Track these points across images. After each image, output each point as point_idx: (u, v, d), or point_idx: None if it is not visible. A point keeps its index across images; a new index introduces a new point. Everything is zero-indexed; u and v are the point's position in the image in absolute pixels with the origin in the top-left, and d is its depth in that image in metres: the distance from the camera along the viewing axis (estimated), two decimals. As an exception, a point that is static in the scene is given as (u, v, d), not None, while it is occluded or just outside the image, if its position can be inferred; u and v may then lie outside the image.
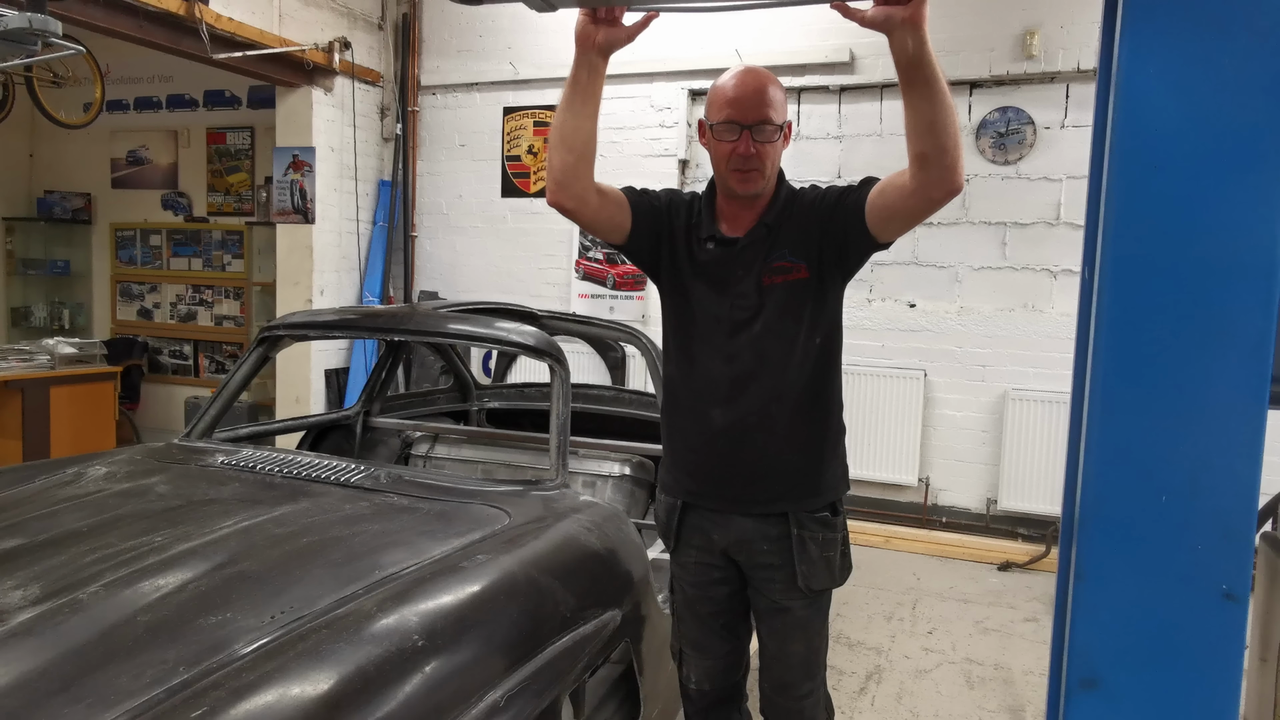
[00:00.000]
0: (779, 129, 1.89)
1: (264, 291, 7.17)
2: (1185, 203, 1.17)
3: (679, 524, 2.05)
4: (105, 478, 2.28)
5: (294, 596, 1.61)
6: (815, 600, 1.98)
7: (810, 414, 1.96)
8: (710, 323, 1.96)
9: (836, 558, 1.97)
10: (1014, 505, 5.33)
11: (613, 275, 6.26)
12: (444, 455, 3.60)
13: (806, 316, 1.91)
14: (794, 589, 1.95)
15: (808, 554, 1.93)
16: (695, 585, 2.07)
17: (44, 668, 1.36)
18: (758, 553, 1.97)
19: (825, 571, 1.95)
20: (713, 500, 2.00)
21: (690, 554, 2.06)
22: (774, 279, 1.91)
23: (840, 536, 1.98)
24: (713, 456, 1.98)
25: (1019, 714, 3.25)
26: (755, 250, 1.93)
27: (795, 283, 1.90)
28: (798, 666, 2.01)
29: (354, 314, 3.19)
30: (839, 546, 1.98)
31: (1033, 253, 5.33)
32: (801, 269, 1.90)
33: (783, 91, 1.92)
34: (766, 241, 1.93)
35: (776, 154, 1.92)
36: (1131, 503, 1.21)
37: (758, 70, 1.92)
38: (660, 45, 5.98)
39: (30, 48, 2.73)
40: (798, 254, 1.90)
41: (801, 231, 1.91)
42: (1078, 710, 1.24)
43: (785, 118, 1.92)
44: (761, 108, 1.86)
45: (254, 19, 5.46)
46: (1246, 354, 1.16)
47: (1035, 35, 5.18)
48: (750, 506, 1.96)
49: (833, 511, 1.97)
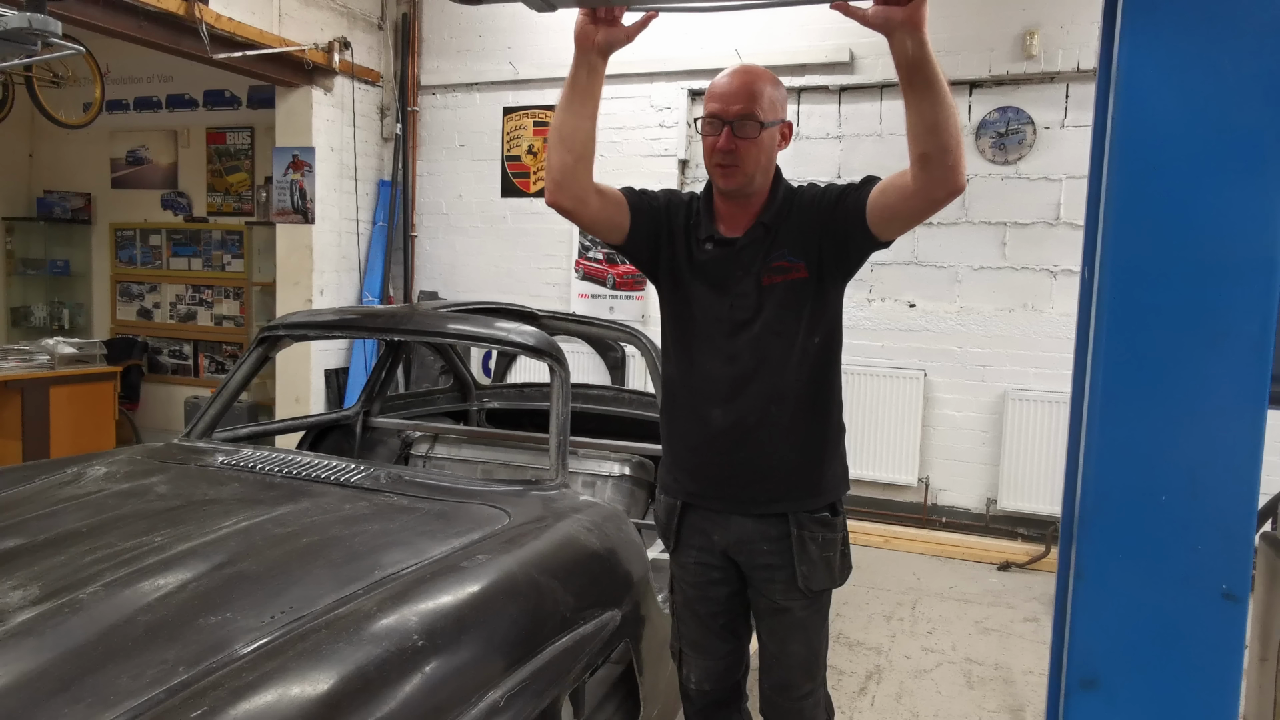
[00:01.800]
0: (762, 125, 1.86)
1: (264, 291, 7.17)
2: (1185, 203, 1.17)
3: (679, 524, 2.05)
4: (105, 478, 2.28)
5: (294, 596, 1.61)
6: (815, 601, 1.98)
7: (810, 414, 1.95)
8: (710, 323, 1.95)
9: (836, 558, 1.97)
10: (1014, 505, 5.33)
11: (613, 275, 6.26)
12: (444, 455, 3.60)
13: (806, 316, 1.91)
14: (794, 589, 1.95)
15: (808, 554, 1.93)
16: (695, 585, 2.07)
17: (44, 668, 1.36)
18: (758, 553, 1.96)
19: (825, 572, 1.95)
20: (713, 501, 2.00)
21: (690, 554, 2.05)
22: (774, 279, 1.90)
23: (840, 537, 1.98)
24: (712, 457, 1.98)
25: (1019, 714, 3.25)
26: (754, 250, 1.93)
27: (795, 282, 1.90)
28: (798, 667, 2.01)
29: (354, 314, 3.19)
30: (839, 547, 1.98)
31: (1033, 253, 5.33)
32: (801, 268, 1.89)
33: (778, 90, 1.91)
34: (765, 241, 1.92)
35: (761, 151, 1.89)
36: (1131, 503, 1.21)
37: (751, 68, 1.91)
38: (660, 45, 5.98)
39: (30, 48, 2.73)
40: (797, 253, 1.89)
41: (801, 231, 1.90)
42: (1078, 710, 1.24)
43: (779, 116, 1.91)
44: (744, 102, 1.85)
45: (254, 19, 5.46)
46: (1246, 354, 1.16)
47: (1035, 35, 5.18)
48: (750, 507, 1.96)
49: (832, 512, 1.97)
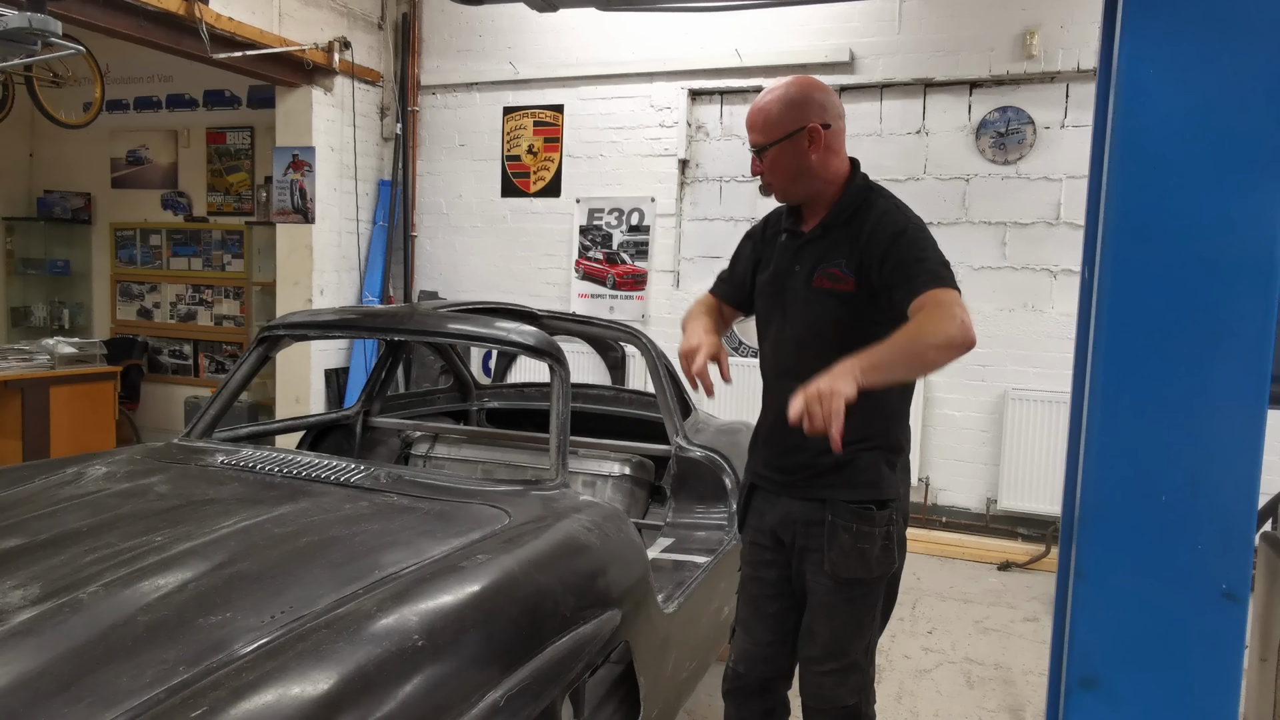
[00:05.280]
0: (769, 146, 1.99)
1: (264, 291, 7.17)
2: (1185, 203, 1.17)
3: (746, 504, 2.24)
4: (105, 478, 2.28)
5: (294, 596, 1.60)
6: (845, 588, 2.03)
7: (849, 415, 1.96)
8: (770, 312, 2.13)
9: (874, 550, 2.00)
10: (1014, 505, 5.33)
11: (613, 275, 6.26)
12: (444, 455, 3.60)
13: (848, 324, 1.96)
14: (821, 573, 2.04)
15: (838, 542, 2.00)
16: (750, 565, 2.22)
17: (44, 668, 1.35)
18: (797, 534, 2.09)
19: (857, 562, 2.00)
20: (768, 483, 2.15)
21: (749, 533, 2.22)
22: (823, 283, 1.99)
23: (881, 531, 2.00)
24: (771, 440, 2.14)
25: (1019, 714, 3.25)
26: (814, 249, 2.03)
27: (841, 292, 1.97)
28: (818, 644, 2.09)
29: (354, 314, 3.19)
30: (878, 541, 2.00)
31: (1033, 253, 5.33)
32: (850, 282, 1.96)
33: (784, 104, 1.99)
34: (823, 242, 2.02)
35: (779, 168, 2.01)
36: (1131, 503, 1.21)
37: (769, 91, 2.02)
38: (660, 45, 5.99)
39: (30, 47, 2.73)
40: (850, 267, 1.96)
41: (858, 253, 1.96)
42: (1078, 710, 1.24)
43: (789, 129, 1.97)
44: (754, 132, 2.02)
45: (254, 19, 5.46)
46: (1246, 354, 1.16)
47: (1035, 35, 5.18)
48: (794, 490, 2.09)
49: (879, 506, 2.00)
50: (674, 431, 3.15)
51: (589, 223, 6.34)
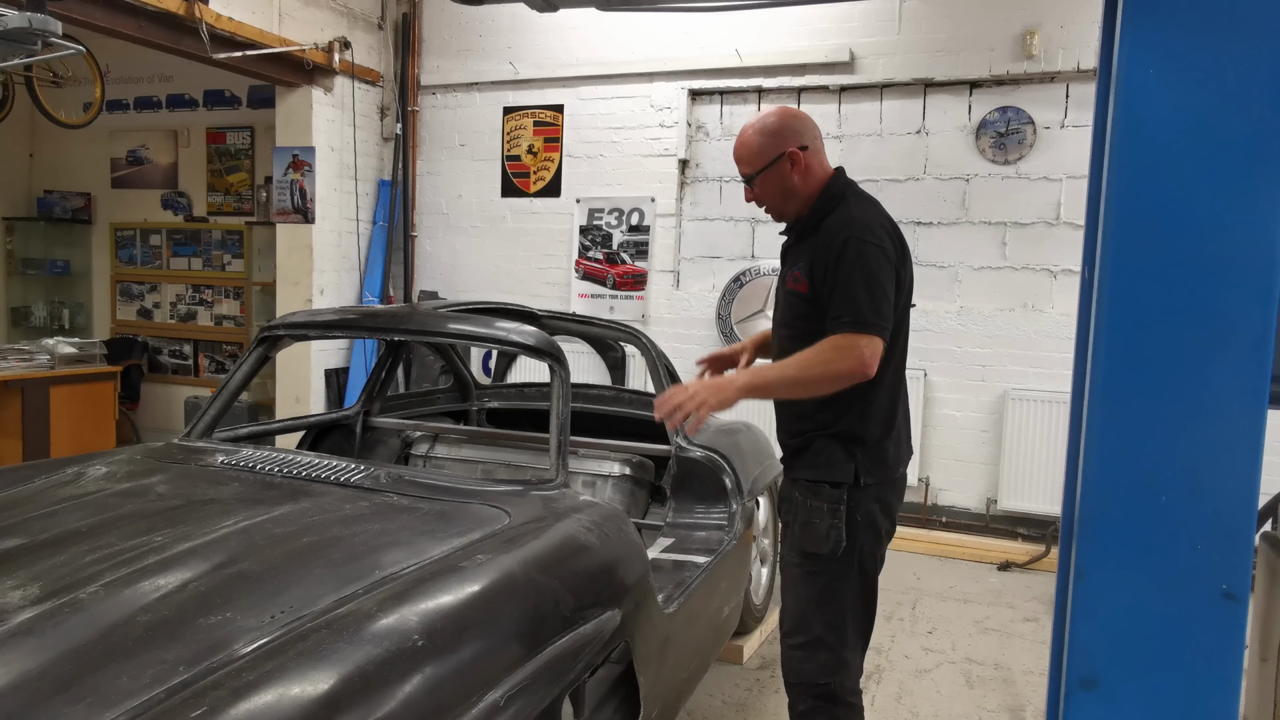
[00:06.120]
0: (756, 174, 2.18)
1: (264, 291, 7.17)
2: (1185, 203, 1.17)
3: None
4: (105, 478, 2.28)
5: (294, 596, 1.61)
6: (805, 561, 2.17)
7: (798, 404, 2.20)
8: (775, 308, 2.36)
9: (822, 526, 2.13)
10: (1014, 505, 5.33)
11: (613, 275, 6.26)
12: (444, 455, 3.60)
13: (805, 322, 2.16)
14: (791, 548, 2.22)
15: (798, 517, 2.18)
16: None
17: (44, 668, 1.36)
18: (784, 510, 2.29)
19: (808, 536, 2.14)
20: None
21: None
22: (790, 284, 2.21)
23: (830, 508, 2.13)
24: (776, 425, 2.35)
25: (1019, 714, 3.25)
26: (793, 252, 2.25)
27: (801, 294, 2.16)
28: (788, 616, 2.24)
29: (354, 314, 3.19)
30: (826, 517, 2.13)
31: (1033, 253, 5.33)
32: (805, 285, 2.14)
33: (761, 134, 2.17)
34: (798, 247, 2.22)
35: (766, 193, 2.21)
36: (1131, 503, 1.21)
37: (748, 126, 2.21)
38: (660, 45, 5.99)
39: (30, 47, 2.73)
40: (805, 273, 2.14)
41: (810, 261, 2.13)
42: (1078, 710, 1.24)
43: (769, 157, 2.16)
44: (741, 164, 2.23)
45: (254, 19, 5.46)
46: (1246, 354, 1.16)
47: (1035, 35, 5.18)
48: (785, 471, 2.31)
49: (832, 486, 2.13)
50: (674, 431, 3.15)
51: (589, 223, 6.34)
